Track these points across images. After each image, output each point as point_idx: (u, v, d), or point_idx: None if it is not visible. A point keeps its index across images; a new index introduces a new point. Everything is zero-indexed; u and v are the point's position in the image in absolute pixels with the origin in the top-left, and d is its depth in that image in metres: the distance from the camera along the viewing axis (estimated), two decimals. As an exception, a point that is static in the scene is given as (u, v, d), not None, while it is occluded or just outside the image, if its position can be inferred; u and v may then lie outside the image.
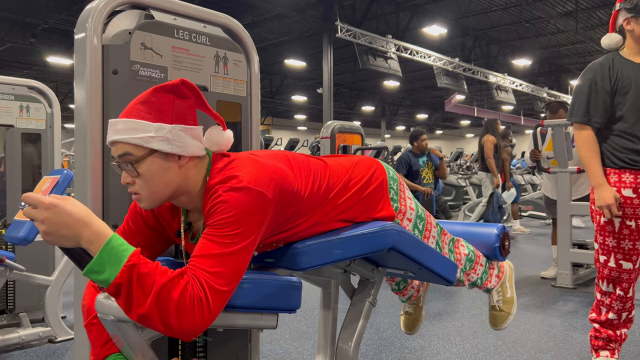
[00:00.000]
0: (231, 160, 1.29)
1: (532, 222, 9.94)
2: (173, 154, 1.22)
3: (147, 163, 1.20)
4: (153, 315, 1.06)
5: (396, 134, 39.22)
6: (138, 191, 1.22)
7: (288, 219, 1.34)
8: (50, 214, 1.05)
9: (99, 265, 1.05)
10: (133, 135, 1.18)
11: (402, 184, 1.65)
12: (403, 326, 2.34)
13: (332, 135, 5.95)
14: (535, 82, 21.48)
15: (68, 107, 21.50)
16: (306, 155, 1.50)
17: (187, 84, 1.24)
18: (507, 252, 1.95)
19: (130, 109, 1.21)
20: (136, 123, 1.19)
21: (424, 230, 1.66)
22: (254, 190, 1.19)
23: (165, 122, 1.21)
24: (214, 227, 1.16)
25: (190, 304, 1.07)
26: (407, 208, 1.61)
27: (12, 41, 15.18)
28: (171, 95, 1.23)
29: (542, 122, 4.59)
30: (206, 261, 1.12)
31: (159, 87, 1.22)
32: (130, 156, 1.19)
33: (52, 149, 3.47)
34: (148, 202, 1.24)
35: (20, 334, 3.02)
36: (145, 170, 1.20)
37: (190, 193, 1.28)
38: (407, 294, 2.21)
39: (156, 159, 1.21)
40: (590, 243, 4.78)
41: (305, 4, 14.14)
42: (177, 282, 1.08)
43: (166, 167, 1.22)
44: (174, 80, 1.23)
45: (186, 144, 1.23)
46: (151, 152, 1.20)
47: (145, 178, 1.21)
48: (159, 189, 1.23)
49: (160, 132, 1.20)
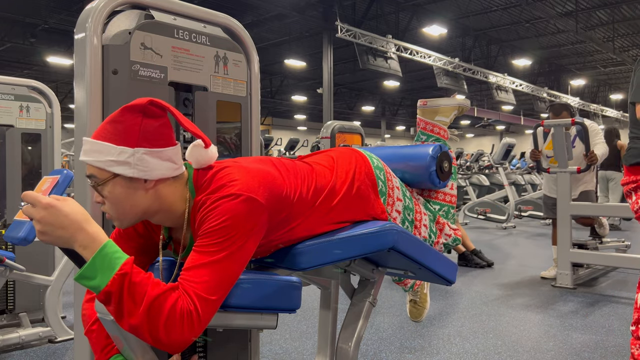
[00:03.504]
0: (217, 171, 1.25)
1: (532, 222, 9.94)
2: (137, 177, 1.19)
3: (110, 186, 1.18)
4: (143, 327, 1.06)
5: (396, 134, 39.21)
6: (108, 211, 1.21)
7: (281, 223, 1.33)
8: (47, 213, 1.05)
9: (90, 271, 1.05)
10: (96, 158, 1.16)
11: (388, 172, 1.62)
12: (410, 315, 2.32)
13: (332, 135, 5.95)
14: (535, 82, 21.47)
15: (68, 107, 21.48)
16: (291, 159, 1.48)
17: (157, 103, 1.19)
18: (447, 176, 1.73)
19: (100, 129, 1.19)
20: (101, 145, 1.16)
21: (414, 220, 1.64)
22: (243, 196, 1.17)
23: (129, 145, 1.16)
24: (202, 237, 1.15)
25: (180, 318, 1.07)
26: (395, 199, 1.59)
27: (12, 41, 15.18)
28: (140, 115, 1.18)
29: (542, 122, 4.59)
30: (195, 272, 1.12)
31: (128, 106, 1.18)
32: (95, 178, 1.18)
33: (52, 149, 3.47)
34: (118, 222, 1.23)
35: (20, 334, 3.02)
36: (109, 193, 1.18)
37: (168, 211, 1.24)
38: (409, 283, 2.20)
39: (120, 182, 1.18)
40: (591, 243, 4.78)
41: (305, 4, 14.14)
42: (168, 296, 1.07)
43: (131, 190, 1.19)
44: (142, 99, 1.18)
45: (150, 168, 1.18)
46: (114, 175, 1.17)
47: (110, 200, 1.19)
48: (126, 211, 1.20)
49: (122, 157, 1.16)
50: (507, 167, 10.72)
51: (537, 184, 11.43)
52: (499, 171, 9.24)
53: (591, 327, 3.35)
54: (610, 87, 26.75)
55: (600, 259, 4.38)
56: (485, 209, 8.88)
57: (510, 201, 8.68)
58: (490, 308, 3.82)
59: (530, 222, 9.92)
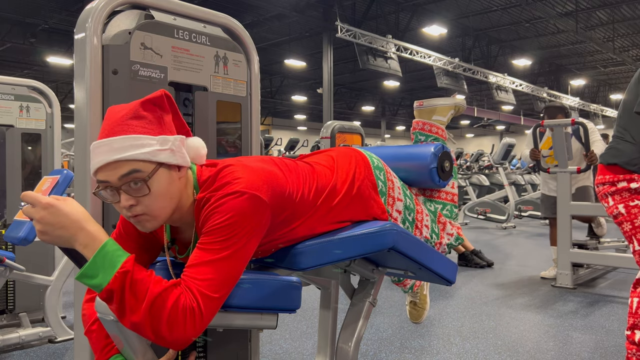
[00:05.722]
0: (221, 169, 1.24)
1: (532, 222, 9.95)
2: (175, 165, 1.17)
3: (156, 178, 1.13)
4: (145, 324, 1.05)
5: (396, 134, 39.22)
6: (143, 211, 1.14)
7: (283, 222, 1.33)
8: (47, 213, 1.05)
9: (92, 270, 1.05)
10: (140, 151, 1.11)
11: (388, 171, 1.61)
12: (410, 316, 2.31)
13: (332, 135, 5.95)
14: (535, 82, 21.48)
15: (68, 107, 21.50)
16: (292, 159, 1.48)
17: (168, 95, 1.20)
18: (448, 176, 1.73)
19: (119, 126, 1.12)
20: (137, 138, 1.11)
21: (415, 220, 1.64)
22: (247, 194, 1.17)
23: (166, 133, 1.17)
24: (206, 235, 1.15)
25: (182, 315, 1.06)
26: (395, 199, 1.59)
27: (12, 41, 15.18)
28: (157, 107, 1.18)
29: (542, 122, 4.59)
30: (199, 269, 1.11)
31: (145, 100, 1.17)
32: (140, 173, 1.11)
33: (52, 149, 3.47)
34: (155, 222, 1.17)
35: (20, 334, 3.02)
36: (155, 186, 1.13)
37: (182, 207, 1.23)
38: (408, 284, 2.20)
39: (162, 172, 1.15)
40: (590, 243, 4.78)
41: (305, 4, 14.14)
42: (170, 292, 1.07)
43: (170, 180, 1.17)
44: (156, 93, 1.18)
45: (184, 155, 1.20)
46: (159, 166, 1.14)
47: (155, 194, 1.14)
48: (166, 205, 1.16)
49: (165, 144, 1.14)
50: (507, 167, 10.72)
51: (537, 184, 11.43)
52: (499, 171, 9.25)
53: (591, 327, 3.35)
54: (610, 87, 26.75)
55: (600, 259, 4.38)
56: (485, 209, 8.89)
57: (510, 201, 8.69)
58: (490, 308, 3.82)
59: (530, 222, 9.92)
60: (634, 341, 2.12)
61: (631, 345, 2.14)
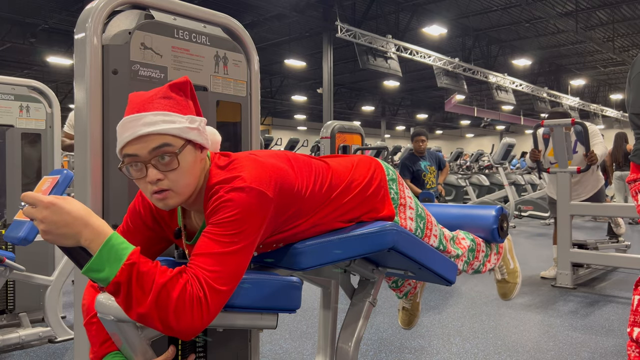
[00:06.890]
0: (232, 160, 1.28)
1: (532, 222, 9.95)
2: (199, 145, 1.22)
3: (184, 154, 1.18)
4: (152, 314, 1.06)
5: (396, 134, 39.21)
6: (169, 186, 1.18)
7: (289, 219, 1.34)
8: (49, 212, 1.05)
9: (98, 264, 1.05)
10: (171, 126, 1.16)
11: (401, 183, 1.65)
12: (400, 322, 2.40)
13: (332, 135, 5.96)
14: (535, 82, 21.48)
15: (68, 107, 21.50)
16: (308, 155, 1.50)
17: (190, 83, 1.26)
18: (506, 234, 1.93)
19: (149, 104, 1.18)
20: (168, 115, 1.17)
21: (425, 229, 1.66)
22: (255, 190, 1.18)
23: (193, 114, 1.23)
24: (215, 226, 1.15)
25: (190, 303, 1.07)
26: (407, 207, 1.61)
27: (12, 41, 15.18)
28: (182, 92, 1.24)
29: (542, 122, 4.59)
30: (206, 260, 1.12)
31: (172, 84, 1.22)
32: (171, 147, 1.16)
33: (52, 149, 3.47)
34: (179, 198, 1.20)
35: (20, 334, 3.02)
36: (183, 162, 1.18)
37: (198, 190, 1.27)
38: (404, 290, 2.22)
39: (189, 150, 1.20)
40: (591, 243, 4.79)
41: (305, 4, 14.14)
42: (176, 282, 1.08)
43: (195, 158, 1.22)
44: (180, 79, 1.24)
45: (207, 137, 1.25)
46: (187, 143, 1.19)
47: (182, 170, 1.18)
48: (191, 182, 1.21)
49: (194, 124, 1.20)
50: (507, 167, 10.73)
51: (537, 184, 11.43)
52: (499, 171, 9.25)
53: (591, 327, 3.35)
54: (610, 87, 26.76)
55: (600, 259, 4.38)
56: (485, 209, 8.87)
57: (510, 201, 8.69)
58: (490, 308, 3.82)
59: (530, 222, 9.92)
60: (633, 338, 2.13)
61: (632, 343, 2.15)
